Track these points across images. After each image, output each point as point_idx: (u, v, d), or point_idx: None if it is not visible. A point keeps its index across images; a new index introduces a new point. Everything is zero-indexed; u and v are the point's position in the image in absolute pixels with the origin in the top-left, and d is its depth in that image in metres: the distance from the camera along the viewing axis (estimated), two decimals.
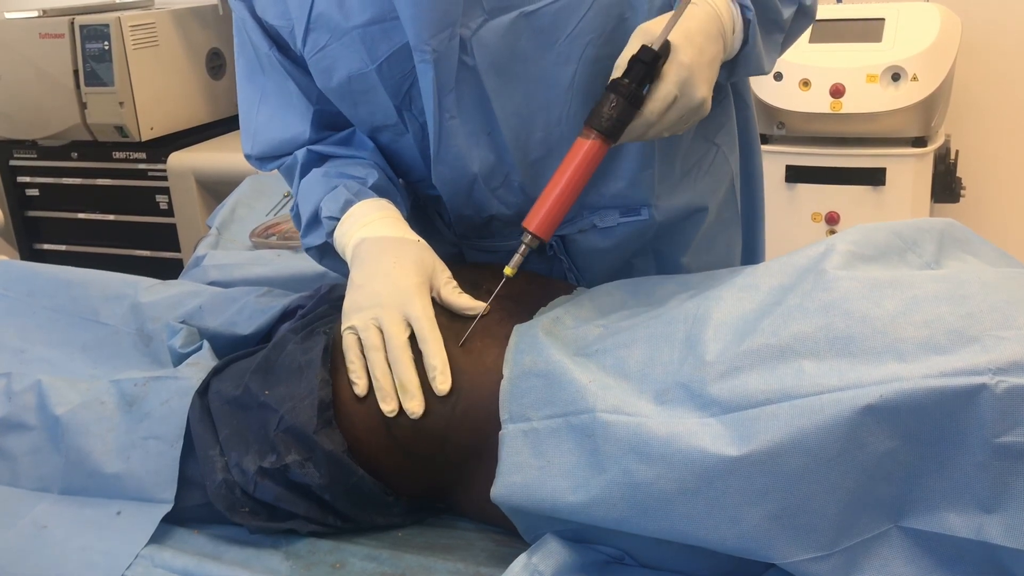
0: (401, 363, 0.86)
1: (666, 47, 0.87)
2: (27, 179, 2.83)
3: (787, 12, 1.00)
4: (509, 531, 0.86)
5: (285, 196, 1.86)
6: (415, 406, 0.85)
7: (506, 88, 0.95)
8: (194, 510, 0.91)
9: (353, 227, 0.97)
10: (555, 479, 0.77)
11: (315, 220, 1.02)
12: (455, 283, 0.93)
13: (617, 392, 0.78)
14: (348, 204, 0.98)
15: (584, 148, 0.89)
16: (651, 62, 0.86)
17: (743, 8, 0.95)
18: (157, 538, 0.88)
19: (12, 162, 2.83)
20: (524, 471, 0.79)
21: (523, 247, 0.91)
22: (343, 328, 0.90)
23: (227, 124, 2.86)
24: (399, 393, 0.86)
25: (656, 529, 0.73)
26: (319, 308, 1.06)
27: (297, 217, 1.06)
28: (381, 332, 0.88)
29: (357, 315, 0.90)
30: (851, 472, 0.68)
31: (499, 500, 0.81)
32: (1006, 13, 2.35)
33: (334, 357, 0.92)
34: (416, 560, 0.85)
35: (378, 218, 0.98)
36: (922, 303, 0.73)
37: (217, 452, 0.90)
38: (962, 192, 2.22)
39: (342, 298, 1.08)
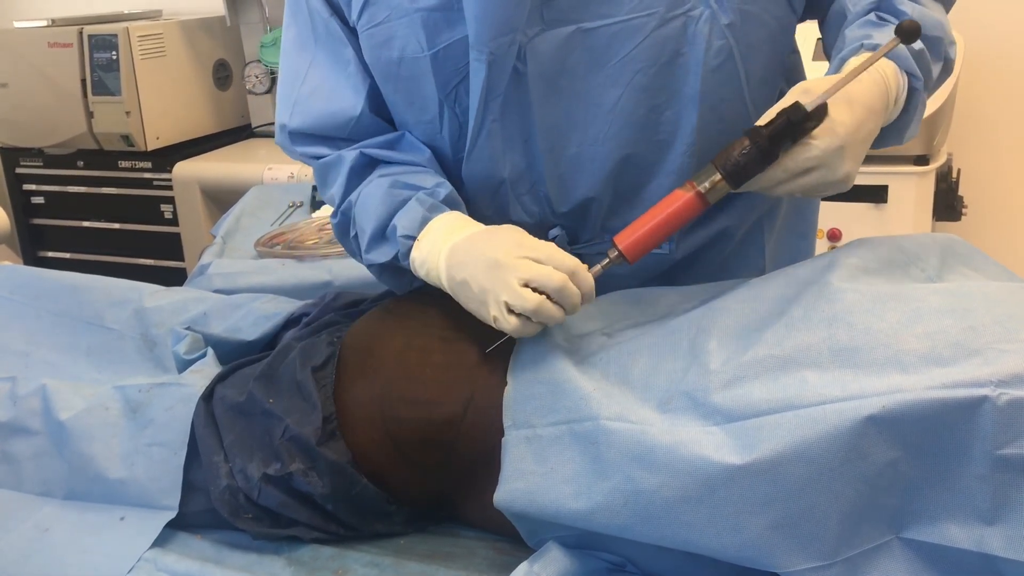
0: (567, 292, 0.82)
1: (821, 110, 0.81)
2: (33, 187, 2.84)
3: (936, 69, 0.94)
4: (511, 540, 0.86)
5: (290, 206, 1.86)
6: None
7: (550, 100, 0.94)
8: (197, 515, 0.92)
9: (437, 242, 0.91)
10: (558, 485, 0.78)
11: (382, 236, 0.97)
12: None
13: (620, 400, 0.78)
14: (425, 221, 0.93)
15: (702, 185, 0.85)
16: (797, 122, 0.80)
17: (911, 77, 0.88)
18: (160, 542, 0.89)
19: (18, 170, 2.83)
20: (527, 477, 0.80)
21: (607, 260, 0.87)
22: (494, 315, 0.83)
23: (233, 135, 2.86)
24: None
25: (658, 536, 0.73)
26: (324, 316, 1.07)
27: (343, 224, 1.02)
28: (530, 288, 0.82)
29: (495, 298, 0.83)
30: (853, 482, 0.68)
31: (502, 505, 0.81)
32: (1009, 32, 2.36)
33: (340, 367, 0.93)
34: (418, 568, 0.85)
35: (460, 226, 0.92)
36: (925, 316, 0.73)
37: (221, 458, 0.90)
38: (964, 210, 2.22)
39: (347, 307, 1.09)
